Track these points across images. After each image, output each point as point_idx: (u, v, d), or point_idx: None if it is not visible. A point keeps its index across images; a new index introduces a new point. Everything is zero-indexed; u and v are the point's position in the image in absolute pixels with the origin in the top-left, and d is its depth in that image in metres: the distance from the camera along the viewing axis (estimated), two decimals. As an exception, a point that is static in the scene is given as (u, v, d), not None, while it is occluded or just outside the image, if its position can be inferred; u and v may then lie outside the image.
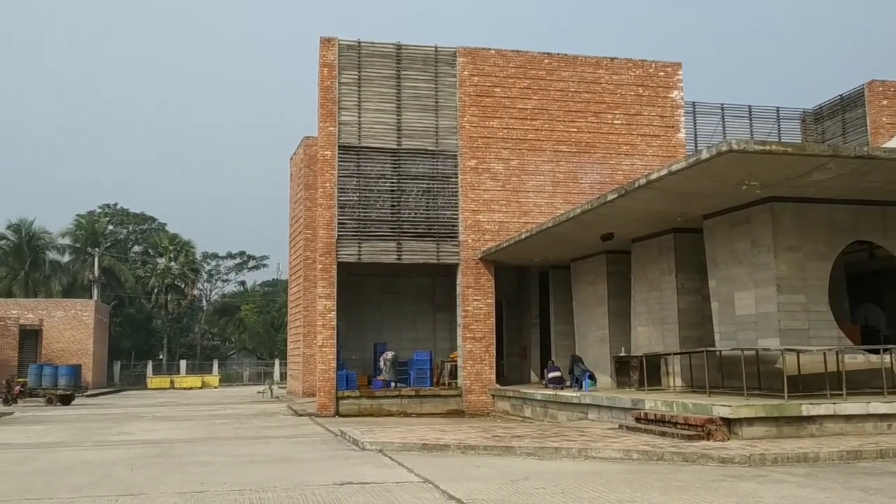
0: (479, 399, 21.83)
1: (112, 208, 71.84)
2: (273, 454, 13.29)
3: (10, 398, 30.20)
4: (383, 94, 22.31)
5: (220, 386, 53.15)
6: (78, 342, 46.18)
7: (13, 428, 19.92)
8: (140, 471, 11.29)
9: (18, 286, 56.15)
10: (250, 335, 70.79)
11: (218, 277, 76.66)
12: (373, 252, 21.94)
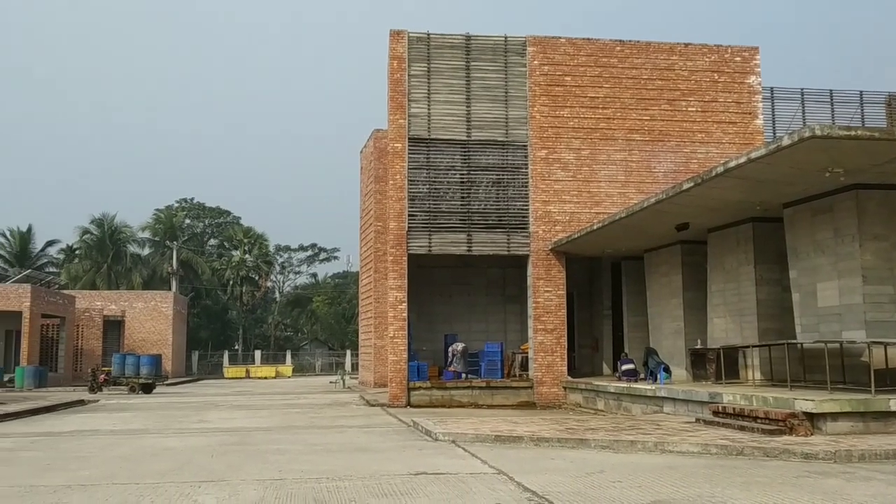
0: (550, 391, 21.70)
1: (189, 203, 73.82)
2: (347, 443, 13.45)
3: (96, 386, 31.36)
4: (453, 86, 22.30)
5: (294, 376, 54.17)
6: (158, 333, 47.70)
7: (99, 415, 20.66)
8: (220, 458, 11.56)
9: (102, 279, 58.26)
10: (322, 326, 71.92)
11: (290, 269, 78.08)
12: (443, 243, 21.97)
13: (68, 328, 40.90)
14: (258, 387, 39.02)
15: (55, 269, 62.54)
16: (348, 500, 8.05)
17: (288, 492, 8.57)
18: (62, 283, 53.31)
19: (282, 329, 73.20)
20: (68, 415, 20.79)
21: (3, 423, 17.97)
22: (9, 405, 22.05)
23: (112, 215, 61.19)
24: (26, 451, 12.80)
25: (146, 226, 65.53)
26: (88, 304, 45.57)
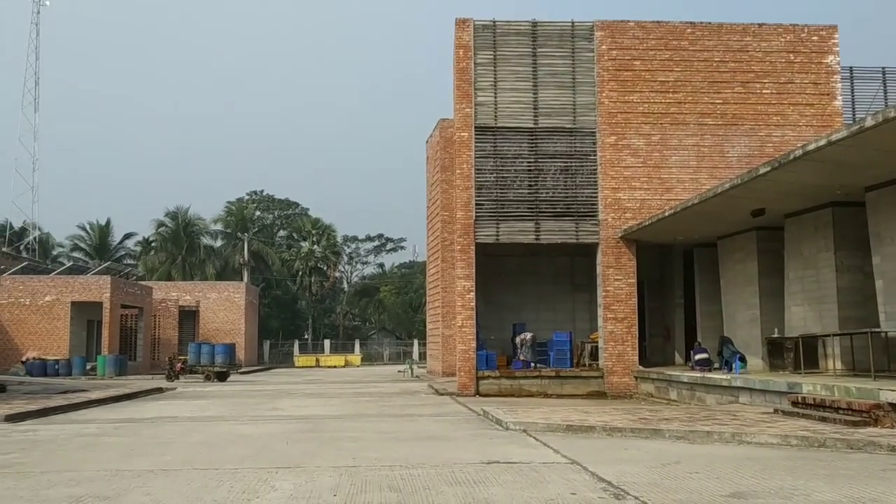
0: (621, 381, 21.43)
1: (259, 195, 75.27)
2: (419, 432, 13.52)
3: (173, 374, 32.26)
4: (519, 73, 22.13)
5: (362, 365, 54.79)
6: (231, 322, 48.81)
7: (177, 402, 21.25)
8: (295, 445, 11.75)
9: (177, 270, 59.90)
10: (389, 316, 72.56)
11: (358, 260, 79.01)
12: (510, 232, 21.87)
13: (146, 318, 42.18)
14: (328, 375, 39.60)
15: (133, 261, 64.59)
16: (422, 488, 8.08)
17: (363, 478, 8.65)
18: (139, 275, 54.97)
19: (350, 319, 74.13)
20: (148, 402, 21.44)
21: (88, 410, 18.65)
22: (92, 392, 22.87)
23: (185, 208, 62.90)
24: (110, 436, 13.24)
25: (218, 218, 67.13)
26: (164, 294, 46.89)
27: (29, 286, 36.44)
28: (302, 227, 70.46)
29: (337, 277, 73.44)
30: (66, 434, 13.47)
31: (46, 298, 36.22)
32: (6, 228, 56.95)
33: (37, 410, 17.11)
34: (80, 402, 19.66)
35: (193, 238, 62.88)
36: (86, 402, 19.84)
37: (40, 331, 36.02)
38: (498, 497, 7.62)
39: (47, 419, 16.34)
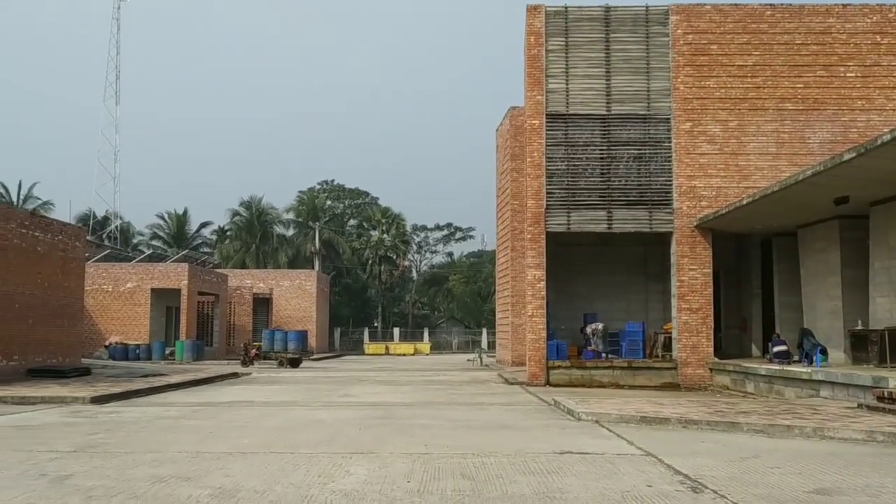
0: (695, 373, 20.99)
1: (330, 184, 76.31)
2: (490, 421, 13.50)
3: (248, 360, 33.01)
4: (591, 59, 21.79)
5: (431, 353, 55.09)
6: (303, 310, 49.66)
7: (252, 387, 21.72)
8: (367, 431, 11.88)
9: (251, 258, 61.24)
10: (458, 305, 72.75)
11: (427, 249, 79.39)
12: (582, 221, 21.61)
13: (222, 305, 43.25)
14: (397, 363, 39.95)
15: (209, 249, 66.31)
16: (495, 476, 8.06)
17: (435, 465, 8.67)
18: (215, 263, 56.38)
19: (419, 307, 74.60)
20: (224, 386, 21.99)
21: (168, 393, 19.23)
22: (171, 376, 23.59)
23: (259, 198, 64.20)
24: (189, 419, 13.61)
25: (290, 207, 68.36)
26: (239, 282, 47.98)
27: (111, 273, 37.76)
28: (372, 216, 71.15)
29: (406, 266, 73.98)
30: (147, 416, 13.91)
31: (128, 285, 37.47)
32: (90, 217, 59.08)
33: (120, 393, 17.74)
34: (160, 385, 20.30)
35: (267, 227, 64.14)
36: (165, 385, 20.47)
37: (122, 316, 37.31)
38: (572, 487, 7.55)
39: (130, 401, 16.92)
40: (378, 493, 7.18)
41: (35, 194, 56.32)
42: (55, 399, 16.24)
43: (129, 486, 7.46)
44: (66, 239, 25.59)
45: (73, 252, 26.02)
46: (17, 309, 22.43)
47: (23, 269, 22.72)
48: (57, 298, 24.74)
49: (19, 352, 22.49)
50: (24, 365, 22.52)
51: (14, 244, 22.34)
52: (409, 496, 7.10)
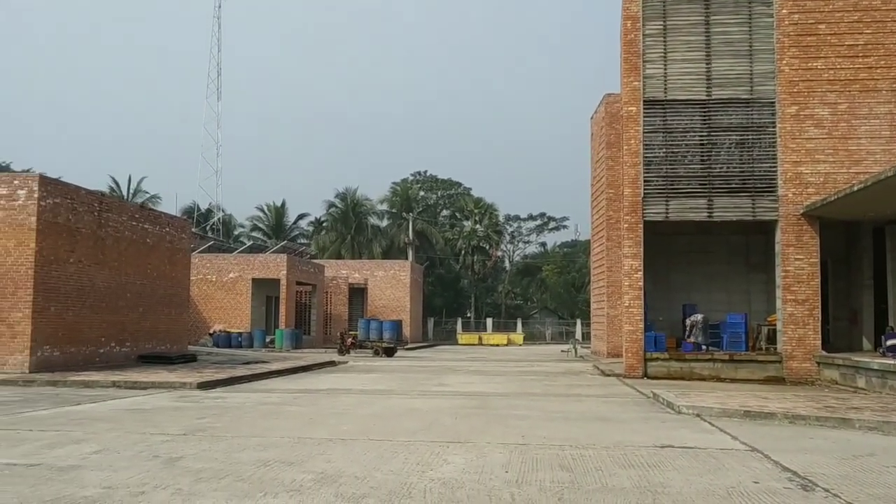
0: (801, 366, 20.17)
1: (423, 175, 76.96)
2: (586, 412, 13.34)
3: (344, 349, 33.66)
4: (690, 43, 21.15)
5: (524, 344, 54.90)
6: (397, 299, 50.28)
7: (349, 375, 22.13)
8: (463, 420, 11.91)
9: (346, 249, 62.41)
10: (551, 295, 72.25)
11: (520, 239, 79.15)
12: (681, 210, 21.04)
13: (318, 295, 44.22)
14: (491, 353, 39.97)
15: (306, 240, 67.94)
16: (594, 469, 7.95)
17: (533, 456, 8.62)
18: (312, 253, 57.72)
19: (512, 297, 74.46)
20: (322, 374, 22.47)
21: (269, 380, 19.79)
22: (272, 364, 24.27)
23: (354, 189, 65.32)
24: (290, 405, 13.96)
25: (384, 198, 69.29)
26: (335, 272, 48.95)
27: (215, 264, 39.14)
28: (464, 206, 71.36)
29: (499, 256, 73.92)
30: (251, 402, 14.34)
31: (230, 275, 38.76)
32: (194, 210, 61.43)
33: (224, 379, 18.36)
34: (261, 372, 20.91)
35: (361, 218, 65.20)
36: (267, 372, 21.07)
37: (225, 305, 38.63)
38: (674, 482, 7.37)
39: (233, 387, 17.50)
40: (476, 483, 7.18)
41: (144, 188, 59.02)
42: (164, 384, 16.95)
43: (236, 469, 7.69)
44: (172, 231, 26.65)
45: (179, 243, 27.08)
46: (129, 298, 23.51)
47: (133, 260, 23.79)
48: (165, 288, 25.81)
49: (131, 339, 23.58)
50: (135, 351, 23.61)
51: (125, 236, 23.40)
52: (507, 486, 7.07)
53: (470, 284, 71.10)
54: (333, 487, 6.91)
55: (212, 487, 6.88)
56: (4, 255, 19.16)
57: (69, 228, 20.56)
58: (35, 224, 19.18)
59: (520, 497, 6.67)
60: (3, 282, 19.07)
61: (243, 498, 6.51)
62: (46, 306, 19.51)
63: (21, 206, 19.28)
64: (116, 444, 9.21)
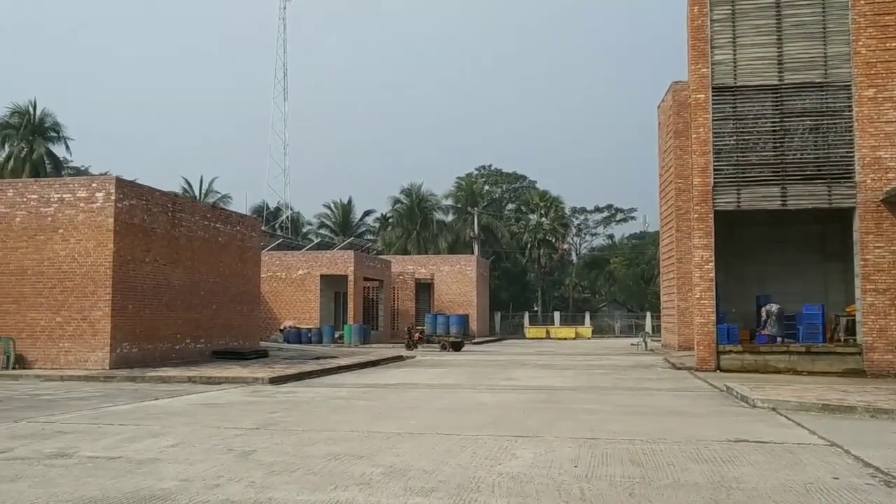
0: (883, 358, 19.44)
1: (487, 169, 76.82)
2: (658, 406, 13.13)
3: (412, 343, 33.89)
4: (760, 27, 20.55)
5: (592, 337, 54.36)
6: (463, 294, 50.36)
7: (417, 370, 22.27)
8: (531, 414, 11.86)
9: (412, 244, 62.78)
10: (620, 288, 71.35)
11: (586, 231, 78.37)
12: (753, 198, 20.49)
13: (386, 290, 44.62)
14: (559, 347, 39.70)
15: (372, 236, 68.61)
16: (666, 464, 7.81)
17: (602, 451, 8.52)
18: (379, 249, 58.27)
19: (579, 291, 73.78)
20: (390, 369, 22.67)
21: (338, 375, 20.07)
22: (341, 359, 24.60)
23: (419, 185, 65.60)
24: (359, 400, 14.12)
25: (449, 193, 69.38)
26: (402, 268, 49.30)
27: (284, 261, 39.86)
28: (530, 199, 70.99)
29: (566, 249, 73.32)
30: (321, 397, 14.56)
31: (299, 272, 39.42)
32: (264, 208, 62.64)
33: (295, 374, 18.69)
34: (331, 367, 21.21)
35: (427, 213, 65.46)
36: (336, 367, 21.36)
37: (294, 302, 39.31)
38: (749, 477, 7.18)
39: (304, 382, 17.80)
40: (545, 477, 7.13)
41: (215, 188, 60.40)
42: (237, 379, 17.35)
43: (307, 463, 7.81)
44: (243, 229, 27.22)
45: (249, 242, 27.66)
46: (202, 296, 24.12)
47: (206, 259, 24.40)
48: (236, 285, 26.39)
49: (205, 335, 24.19)
50: (209, 347, 24.22)
51: (198, 235, 24.01)
52: (576, 481, 7.00)
53: (536, 278, 70.72)
54: (402, 481, 6.96)
55: (283, 480, 7.00)
56: (84, 255, 19.86)
57: (144, 229, 21.19)
58: (112, 225, 19.83)
59: (589, 492, 6.60)
60: (83, 281, 19.78)
61: (314, 491, 6.60)
62: (125, 304, 20.16)
63: (99, 208, 19.95)
64: (192, 437, 9.45)
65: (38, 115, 49.67)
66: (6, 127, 50.14)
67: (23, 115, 49.44)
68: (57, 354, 19.71)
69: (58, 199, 20.17)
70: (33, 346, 19.82)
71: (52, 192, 20.33)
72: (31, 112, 49.48)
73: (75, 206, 20.06)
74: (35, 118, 49.44)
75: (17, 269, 20.15)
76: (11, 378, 17.96)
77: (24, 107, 49.64)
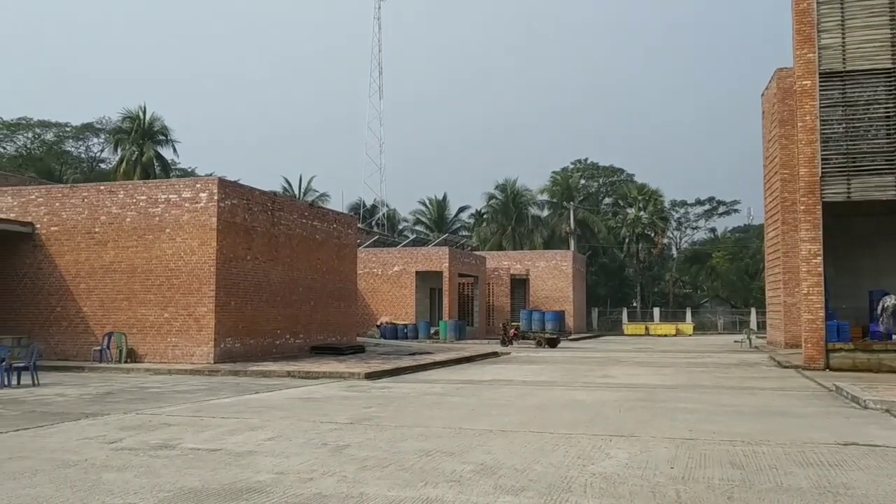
0: None
1: (583, 163, 75.83)
2: (761, 406, 12.62)
3: (506, 339, 33.80)
4: (872, 7, 19.46)
5: (694, 334, 52.95)
6: (559, 290, 49.89)
7: (511, 366, 22.16)
8: (627, 413, 11.59)
9: (507, 240, 62.65)
10: (723, 283, 69.16)
11: (687, 225, 76.41)
12: (864, 189, 19.44)
13: (481, 286, 44.64)
14: (658, 344, 38.81)
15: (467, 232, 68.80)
16: (768, 467, 7.47)
17: (701, 452, 8.23)
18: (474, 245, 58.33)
19: (680, 286, 71.99)
20: (485, 365, 22.64)
21: (433, 371, 20.17)
22: (436, 355, 24.73)
23: (513, 180, 65.35)
24: (453, 396, 14.14)
25: (544, 188, 68.87)
26: (496, 263, 49.23)
27: (380, 258, 40.43)
28: (627, 193, 69.69)
29: (665, 244, 71.63)
30: (415, 392, 14.66)
31: (395, 269, 39.89)
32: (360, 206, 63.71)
33: (390, 370, 18.89)
34: (425, 363, 21.35)
35: (521, 209, 65.17)
36: (430, 363, 21.48)
37: (390, 298, 39.81)
38: (859, 483, 6.79)
39: (398, 378, 17.96)
40: (639, 479, 6.94)
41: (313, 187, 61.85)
42: (334, 374, 17.67)
43: (399, 458, 7.85)
44: (339, 227, 27.73)
45: (346, 239, 28.15)
46: (301, 292, 24.69)
47: (304, 256, 24.97)
48: (334, 282, 26.91)
49: (304, 331, 24.76)
50: (308, 342, 24.78)
51: (296, 233, 24.60)
52: (672, 483, 6.78)
53: (635, 273, 69.40)
54: (493, 479, 6.90)
55: (375, 476, 7.05)
56: (189, 254, 20.63)
57: (245, 227, 21.85)
58: (216, 224, 20.51)
59: (686, 495, 6.37)
60: (189, 279, 20.55)
61: (405, 487, 6.62)
62: (228, 301, 20.84)
63: (203, 207, 20.67)
64: (289, 431, 9.66)
65: (147, 119, 51.96)
66: (119, 132, 52.72)
67: (133, 119, 51.81)
68: (165, 349, 20.57)
69: (164, 200, 21.02)
70: (143, 340, 20.74)
71: (160, 193, 21.20)
72: (140, 117, 51.81)
73: (181, 207, 20.86)
74: (145, 123, 51.74)
75: (128, 267, 21.12)
76: (123, 371, 18.84)
77: (135, 112, 52.02)
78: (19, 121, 56.48)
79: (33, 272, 22.07)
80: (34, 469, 7.35)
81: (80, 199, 21.86)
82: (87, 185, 23.22)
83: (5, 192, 22.87)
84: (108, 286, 21.27)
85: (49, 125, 57.08)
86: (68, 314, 21.60)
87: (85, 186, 22.87)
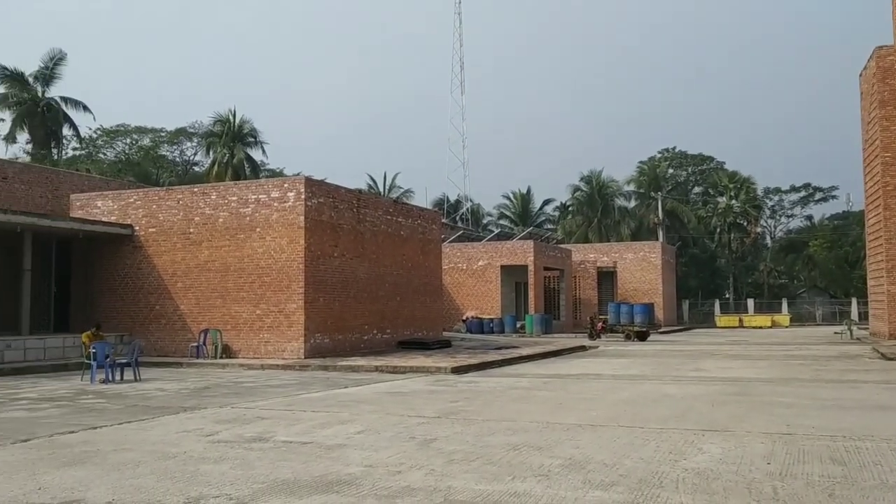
0: None
1: (671, 152, 74.12)
2: (863, 400, 12.08)
3: (594, 333, 33.37)
4: (980, -23, 18.35)
5: (791, 326, 51.13)
6: (648, 282, 48.94)
7: (599, 360, 21.87)
8: (720, 408, 11.27)
9: (593, 232, 61.86)
10: (820, 272, 66.48)
11: (782, 213, 73.84)
12: (975, 170, 18.36)
13: (567, 279, 44.20)
14: (752, 336, 37.63)
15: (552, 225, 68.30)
16: (872, 463, 7.14)
17: (799, 448, 7.93)
18: (559, 238, 57.86)
19: (775, 276, 69.57)
20: (572, 359, 22.42)
21: (519, 365, 20.10)
22: (522, 349, 24.64)
23: (598, 171, 64.52)
24: (540, 390, 14.05)
25: (631, 179, 67.69)
26: (583, 256, 48.64)
27: (465, 252, 40.51)
28: (718, 181, 67.78)
29: (759, 233, 69.37)
30: (501, 386, 14.63)
31: (479, 263, 39.91)
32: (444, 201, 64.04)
33: (476, 364, 18.92)
34: (512, 357, 21.29)
35: (607, 200, 64.25)
36: (517, 357, 21.42)
37: (476, 292, 39.86)
38: (974, 482, 6.40)
39: (485, 372, 17.97)
40: (734, 474, 6.73)
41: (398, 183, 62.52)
42: (421, 369, 17.81)
43: (486, 452, 7.84)
44: (423, 223, 27.92)
45: (430, 234, 28.32)
46: (387, 288, 24.98)
47: (390, 252, 25.24)
48: (419, 277, 27.11)
49: (391, 326, 25.05)
50: (394, 337, 25.06)
51: (381, 230, 24.89)
52: (769, 479, 6.55)
53: (727, 264, 67.45)
54: (581, 474, 6.81)
55: (462, 469, 7.06)
56: (279, 252, 21.14)
57: (332, 225, 22.23)
58: (303, 223, 20.95)
59: (783, 491, 6.14)
60: (279, 276, 21.06)
61: (492, 481, 6.60)
62: (316, 297, 21.26)
63: (291, 206, 21.14)
64: (377, 425, 9.78)
65: (237, 122, 53.49)
66: (210, 135, 54.46)
67: (224, 123, 53.41)
68: (258, 345, 21.14)
69: (254, 200, 21.59)
70: (237, 336, 21.38)
71: (250, 194, 21.79)
72: (231, 120, 53.36)
73: (270, 206, 21.39)
74: (235, 126, 53.27)
75: (221, 265, 21.79)
76: (219, 367, 19.47)
77: (225, 115, 53.63)
78: (118, 127, 58.98)
79: (133, 272, 23.03)
80: (137, 461, 7.66)
81: (175, 201, 22.69)
82: (182, 188, 24.07)
83: (106, 196, 23.96)
84: (203, 284, 22.01)
85: (145, 131, 59.41)
86: (166, 312, 22.46)
87: (179, 189, 23.74)
